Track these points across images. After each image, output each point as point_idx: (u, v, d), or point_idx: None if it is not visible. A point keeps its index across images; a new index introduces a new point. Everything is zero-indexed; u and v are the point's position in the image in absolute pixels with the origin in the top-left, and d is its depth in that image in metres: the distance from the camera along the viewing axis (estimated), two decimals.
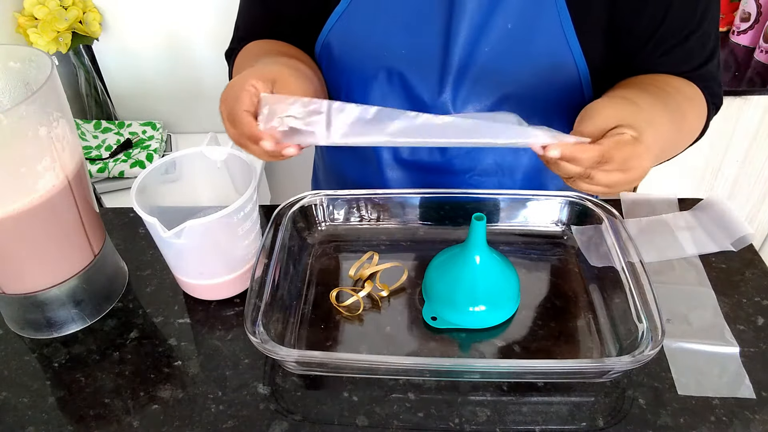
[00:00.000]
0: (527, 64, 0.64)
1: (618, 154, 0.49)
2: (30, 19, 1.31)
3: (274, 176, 1.79)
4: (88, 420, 0.54)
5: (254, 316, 0.54)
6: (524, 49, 0.64)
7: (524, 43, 0.64)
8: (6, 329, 0.63)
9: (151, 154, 1.41)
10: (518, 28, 0.63)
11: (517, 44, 0.64)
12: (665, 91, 0.62)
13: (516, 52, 0.64)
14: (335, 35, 0.69)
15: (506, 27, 0.63)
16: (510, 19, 0.63)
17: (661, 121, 0.57)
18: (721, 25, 1.49)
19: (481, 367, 0.55)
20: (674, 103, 0.62)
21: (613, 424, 0.52)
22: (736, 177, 1.43)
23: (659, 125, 0.56)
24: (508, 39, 0.64)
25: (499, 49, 0.64)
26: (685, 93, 0.64)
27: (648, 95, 0.60)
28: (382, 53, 0.68)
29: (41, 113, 0.52)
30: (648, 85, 0.63)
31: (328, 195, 0.70)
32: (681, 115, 0.62)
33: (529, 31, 0.63)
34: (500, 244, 0.69)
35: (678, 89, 0.64)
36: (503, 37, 0.64)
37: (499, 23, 0.63)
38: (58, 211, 0.56)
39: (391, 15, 0.66)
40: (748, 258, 0.69)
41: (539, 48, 0.64)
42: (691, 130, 0.66)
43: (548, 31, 0.63)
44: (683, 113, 0.63)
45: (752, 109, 1.30)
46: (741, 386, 0.55)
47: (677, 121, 0.61)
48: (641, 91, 0.60)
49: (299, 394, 0.56)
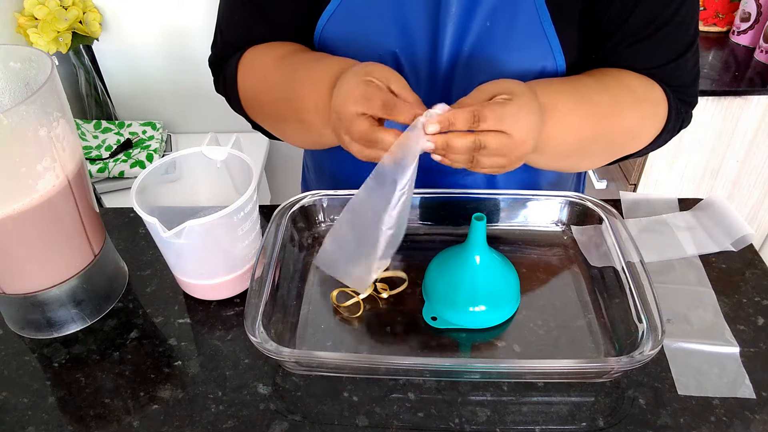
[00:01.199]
0: (507, 60, 0.64)
1: (490, 113, 0.50)
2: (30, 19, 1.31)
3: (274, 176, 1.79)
4: (88, 420, 0.54)
5: (254, 316, 0.54)
6: (504, 46, 0.64)
7: (503, 40, 0.64)
8: (6, 329, 0.63)
9: (151, 154, 1.41)
10: (497, 26, 0.63)
11: (496, 42, 0.64)
12: (603, 84, 0.63)
13: (496, 50, 0.64)
14: (327, 34, 0.69)
15: (485, 25, 0.63)
16: (488, 17, 0.63)
17: (571, 106, 0.59)
18: (721, 25, 1.49)
19: (481, 367, 0.55)
20: (608, 97, 0.61)
21: (613, 424, 0.52)
22: (736, 177, 1.43)
23: (565, 108, 0.58)
24: (487, 37, 0.64)
25: (480, 48, 0.64)
26: (635, 92, 0.64)
27: (568, 84, 0.61)
28: (374, 52, 0.68)
29: (41, 113, 0.52)
30: (582, 77, 0.64)
31: (328, 195, 0.70)
32: (615, 110, 0.62)
33: (507, 28, 0.63)
34: (500, 244, 0.69)
35: (626, 86, 0.63)
36: (483, 35, 0.64)
37: (478, 21, 0.63)
38: (58, 211, 0.56)
39: (382, 14, 0.66)
40: (748, 258, 0.69)
41: (518, 44, 0.63)
42: (630, 130, 0.65)
43: (526, 26, 0.63)
44: (619, 110, 0.62)
45: (752, 109, 1.30)
46: (741, 386, 0.55)
47: (606, 114, 0.61)
48: (563, 81, 0.62)
49: (299, 394, 0.56)
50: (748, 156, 1.39)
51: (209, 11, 1.42)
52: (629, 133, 0.66)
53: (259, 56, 0.69)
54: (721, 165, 1.41)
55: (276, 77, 0.65)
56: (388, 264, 0.58)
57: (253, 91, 0.68)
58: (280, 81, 0.65)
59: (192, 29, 1.45)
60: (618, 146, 0.67)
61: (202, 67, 1.50)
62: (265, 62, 0.68)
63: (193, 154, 0.64)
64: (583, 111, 0.60)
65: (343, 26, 0.67)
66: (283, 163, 1.76)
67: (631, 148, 0.69)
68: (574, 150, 0.62)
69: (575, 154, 0.64)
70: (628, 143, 0.67)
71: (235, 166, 0.65)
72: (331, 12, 0.67)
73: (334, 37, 0.69)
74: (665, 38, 0.63)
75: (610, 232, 0.64)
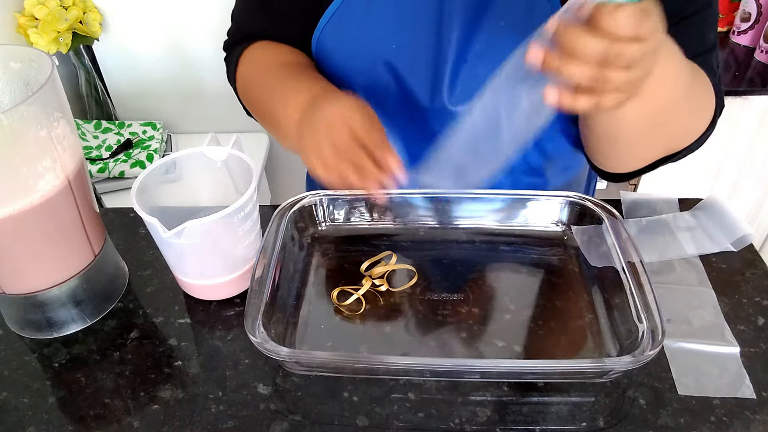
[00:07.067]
0: None
1: (656, 9, 0.40)
2: (30, 19, 1.31)
3: (274, 176, 1.79)
4: (89, 420, 0.54)
5: (254, 316, 0.54)
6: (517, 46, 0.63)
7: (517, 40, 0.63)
8: (6, 329, 0.63)
9: (151, 155, 1.41)
10: (511, 25, 0.62)
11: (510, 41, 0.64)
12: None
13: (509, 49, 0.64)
14: (329, 33, 0.69)
15: (499, 24, 0.63)
16: (502, 16, 0.62)
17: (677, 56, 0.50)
18: (721, 25, 1.49)
19: (481, 367, 0.55)
20: (691, 68, 0.56)
21: (614, 425, 0.52)
22: (736, 177, 1.43)
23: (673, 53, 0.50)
24: (500, 36, 0.63)
25: (492, 47, 0.64)
26: (700, 75, 0.60)
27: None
28: (376, 51, 0.68)
29: (42, 113, 0.52)
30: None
31: (328, 195, 0.70)
32: (696, 77, 0.57)
33: (522, 27, 0.62)
34: (500, 244, 0.70)
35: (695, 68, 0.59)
36: (496, 34, 0.63)
37: (491, 20, 0.63)
38: (58, 212, 0.56)
39: (383, 14, 0.66)
40: (748, 258, 0.69)
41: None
42: (701, 106, 0.61)
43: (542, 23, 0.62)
44: (697, 78, 0.58)
45: (752, 109, 1.30)
46: (741, 386, 0.55)
47: (691, 81, 0.55)
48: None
49: (299, 394, 0.56)
50: (748, 156, 1.39)
51: (209, 11, 1.42)
52: (700, 110, 0.61)
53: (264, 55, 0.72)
54: (721, 165, 1.41)
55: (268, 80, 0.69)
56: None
57: (249, 84, 0.73)
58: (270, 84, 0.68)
59: (192, 29, 1.45)
60: (687, 126, 0.62)
61: (202, 67, 1.51)
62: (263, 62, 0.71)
63: (194, 154, 0.64)
64: (682, 65, 0.53)
65: (345, 25, 0.68)
66: (283, 163, 1.76)
67: (693, 131, 0.63)
68: (662, 107, 0.55)
69: (659, 114, 0.56)
70: (696, 122, 0.62)
71: (235, 166, 0.65)
72: (333, 11, 0.67)
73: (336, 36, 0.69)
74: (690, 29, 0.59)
75: (610, 232, 0.64)
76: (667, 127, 0.61)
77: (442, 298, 0.63)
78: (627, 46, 0.40)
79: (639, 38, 0.40)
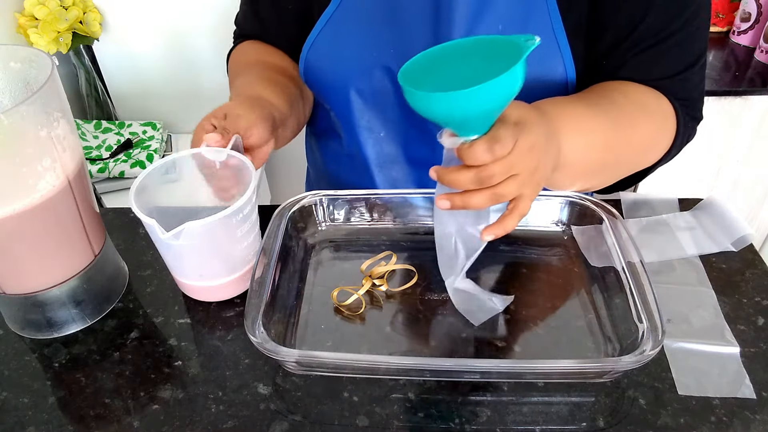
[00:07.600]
0: None
1: (504, 132, 0.47)
2: (30, 19, 1.31)
3: (274, 176, 1.79)
4: (89, 420, 0.54)
5: (254, 316, 0.54)
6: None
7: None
8: (6, 329, 0.63)
9: (151, 155, 1.41)
10: (509, 30, 0.63)
11: None
12: (611, 99, 0.61)
13: None
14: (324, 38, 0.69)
15: (497, 28, 0.63)
16: (500, 20, 0.62)
17: (585, 123, 0.58)
18: (721, 25, 1.49)
19: (481, 367, 0.55)
20: (618, 111, 0.60)
21: (614, 424, 0.52)
22: (736, 177, 1.43)
23: (579, 125, 0.57)
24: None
25: None
26: (645, 105, 0.63)
27: (577, 100, 0.59)
28: (374, 57, 0.68)
29: (42, 113, 0.52)
30: (588, 94, 0.62)
31: (328, 195, 0.70)
32: (628, 123, 0.61)
33: (520, 31, 0.62)
34: (500, 244, 0.69)
35: (635, 100, 0.62)
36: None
37: (490, 24, 0.63)
38: (58, 212, 0.56)
39: (380, 17, 0.66)
40: (748, 258, 0.69)
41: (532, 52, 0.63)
42: (642, 142, 0.64)
43: (539, 31, 0.62)
44: (632, 123, 0.61)
45: (752, 109, 1.30)
46: (741, 386, 0.55)
47: (619, 128, 0.60)
48: (571, 99, 0.60)
49: (299, 394, 0.56)
50: (748, 156, 1.39)
51: (210, 12, 1.42)
52: (643, 146, 0.64)
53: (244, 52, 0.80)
54: (721, 165, 1.41)
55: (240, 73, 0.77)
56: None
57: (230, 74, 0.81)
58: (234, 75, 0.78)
59: (192, 29, 1.45)
60: (633, 160, 0.66)
61: (202, 67, 1.51)
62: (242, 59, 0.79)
63: (194, 154, 0.64)
64: (597, 125, 0.58)
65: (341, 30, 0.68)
66: (283, 163, 1.76)
67: (645, 161, 0.67)
68: (590, 167, 0.61)
69: (591, 172, 0.62)
70: (643, 156, 0.66)
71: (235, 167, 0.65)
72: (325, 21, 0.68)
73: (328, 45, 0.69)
74: (674, 48, 0.62)
75: (610, 232, 0.64)
76: (612, 170, 0.66)
77: (442, 298, 0.63)
78: (492, 167, 0.47)
79: (497, 158, 0.47)
